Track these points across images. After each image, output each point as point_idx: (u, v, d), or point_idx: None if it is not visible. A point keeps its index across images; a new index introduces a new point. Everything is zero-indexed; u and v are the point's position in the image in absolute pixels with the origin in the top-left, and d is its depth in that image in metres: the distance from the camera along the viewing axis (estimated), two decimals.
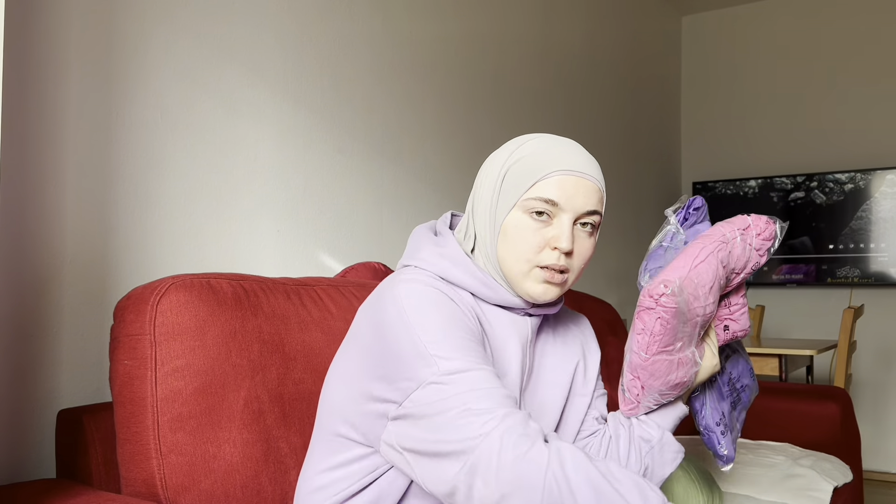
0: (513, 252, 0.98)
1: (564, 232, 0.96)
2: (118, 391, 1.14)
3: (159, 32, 1.53)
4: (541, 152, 0.99)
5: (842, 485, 1.85)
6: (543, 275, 0.97)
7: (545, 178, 0.97)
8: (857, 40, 3.98)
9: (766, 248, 1.11)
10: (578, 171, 0.98)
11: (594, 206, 0.99)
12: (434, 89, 2.37)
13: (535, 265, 0.97)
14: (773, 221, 1.11)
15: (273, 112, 1.79)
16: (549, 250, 0.97)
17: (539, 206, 0.96)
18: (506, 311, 1.03)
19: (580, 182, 0.97)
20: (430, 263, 1.01)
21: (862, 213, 3.82)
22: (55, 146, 1.33)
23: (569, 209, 0.97)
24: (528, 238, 0.97)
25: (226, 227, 1.67)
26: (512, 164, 1.00)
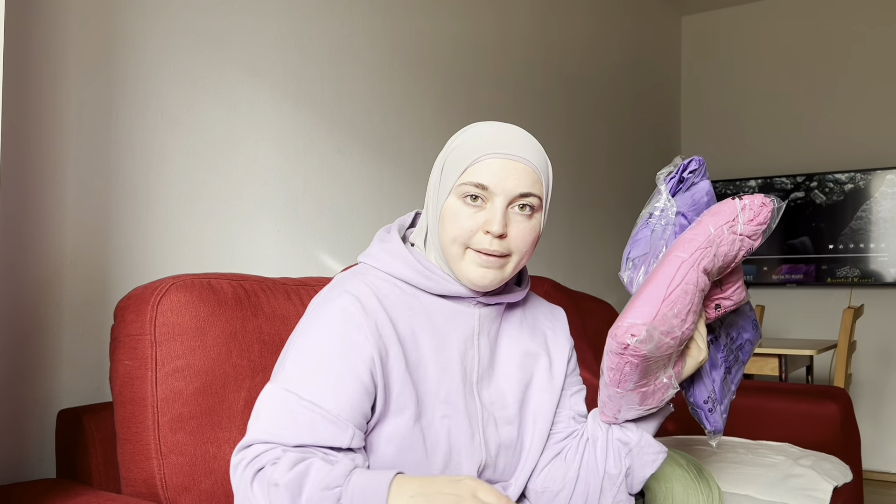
0: (448, 236, 0.99)
1: (496, 216, 0.96)
2: (118, 391, 1.14)
3: (159, 32, 1.52)
4: (475, 138, 1.00)
5: (842, 485, 1.85)
6: (478, 258, 0.98)
7: (476, 163, 0.98)
8: (858, 40, 3.98)
9: (759, 231, 0.99)
10: (509, 154, 0.98)
11: (527, 189, 0.98)
12: (434, 89, 2.37)
13: (468, 248, 0.98)
14: (769, 202, 0.98)
15: (273, 112, 1.79)
16: (482, 234, 0.98)
17: (471, 191, 0.97)
18: (451, 303, 1.04)
19: (511, 164, 0.98)
20: (375, 259, 1.04)
21: (862, 213, 3.82)
22: (55, 146, 1.33)
23: (500, 192, 0.97)
24: (461, 222, 0.98)
25: (226, 227, 1.67)
26: (450, 152, 1.02)
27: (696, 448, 2.06)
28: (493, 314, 1.07)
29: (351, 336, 0.95)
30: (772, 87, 4.21)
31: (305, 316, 1.01)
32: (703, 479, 1.55)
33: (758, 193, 1.06)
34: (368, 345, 0.95)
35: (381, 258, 1.04)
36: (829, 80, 4.05)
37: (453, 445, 1.00)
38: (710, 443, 1.15)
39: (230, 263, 1.67)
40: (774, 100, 4.20)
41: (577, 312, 2.19)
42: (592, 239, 3.36)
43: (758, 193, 1.06)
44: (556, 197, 3.07)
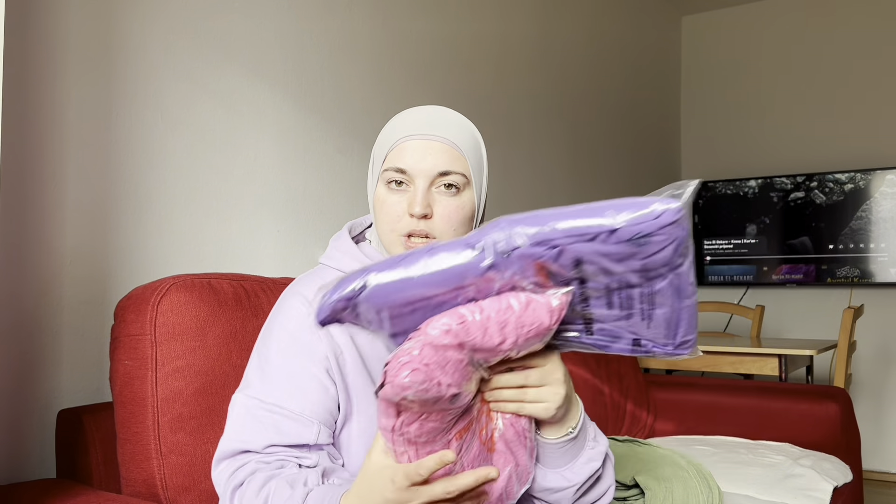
0: (381, 225, 0.99)
1: (416, 197, 0.95)
2: (119, 391, 1.14)
3: (159, 32, 1.52)
4: (394, 124, 1.00)
5: (842, 485, 1.85)
6: (407, 242, 0.97)
7: (395, 147, 0.98)
8: (858, 40, 3.98)
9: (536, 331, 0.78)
10: (423, 134, 0.97)
11: (447, 167, 0.96)
12: (434, 89, 2.37)
13: (399, 234, 0.97)
14: (560, 294, 0.76)
15: (273, 112, 1.79)
16: (408, 217, 0.96)
17: (393, 177, 0.97)
18: None
19: (427, 144, 0.96)
20: (329, 258, 1.07)
21: (862, 213, 3.82)
22: (55, 146, 1.33)
23: (418, 173, 0.96)
24: (388, 209, 0.97)
25: (226, 227, 1.67)
26: (376, 142, 1.03)
27: (696, 448, 2.06)
28: None
29: (303, 337, 0.97)
30: (772, 87, 4.21)
31: (263, 328, 1.03)
32: (703, 479, 1.55)
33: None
34: (321, 345, 0.97)
35: (333, 256, 1.07)
36: (829, 80, 4.05)
37: None
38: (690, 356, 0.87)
39: (230, 263, 1.67)
40: (774, 100, 4.20)
41: None
42: None
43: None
44: (556, 197, 3.08)
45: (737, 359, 2.73)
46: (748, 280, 4.07)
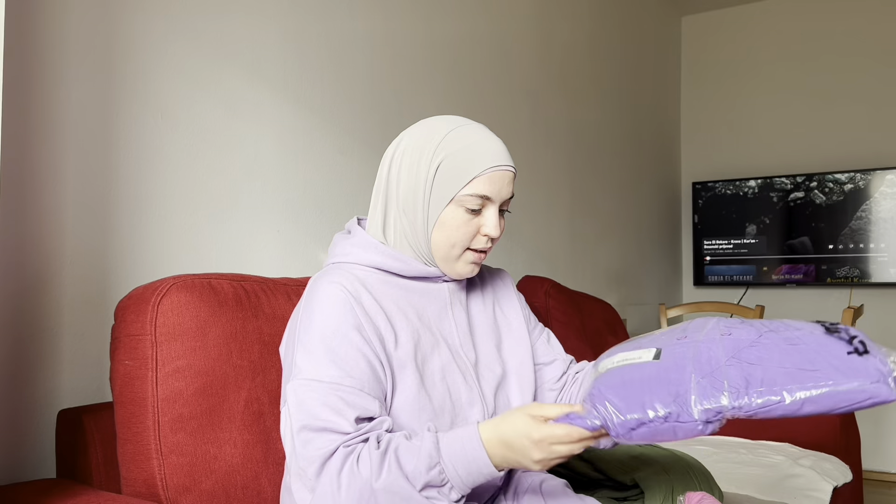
0: (449, 240, 1.09)
1: (493, 221, 1.09)
2: (119, 391, 1.14)
3: (159, 32, 1.52)
4: (470, 148, 1.08)
5: (841, 485, 1.85)
6: (473, 257, 1.11)
7: (481, 175, 1.07)
8: (857, 40, 3.98)
9: None
10: (504, 165, 1.09)
11: (512, 191, 1.12)
12: (434, 89, 2.37)
13: (465, 250, 1.10)
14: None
15: (273, 112, 1.79)
16: (480, 236, 1.10)
17: (476, 203, 1.07)
18: (421, 282, 1.14)
19: (505, 175, 1.09)
20: (346, 255, 1.12)
21: (862, 213, 3.82)
22: (55, 146, 1.33)
23: (497, 200, 1.09)
24: (464, 229, 1.08)
25: (226, 227, 1.67)
26: (442, 158, 1.08)
27: (696, 448, 2.06)
28: (458, 287, 1.19)
29: (348, 319, 1.02)
30: (771, 87, 4.21)
31: (298, 317, 1.07)
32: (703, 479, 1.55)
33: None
34: (363, 326, 1.03)
35: (350, 252, 1.12)
36: (829, 80, 4.05)
37: (456, 403, 1.09)
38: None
39: (230, 263, 1.67)
40: (774, 100, 4.20)
41: (577, 312, 2.19)
42: (592, 239, 3.36)
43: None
44: (556, 197, 3.08)
45: None
46: (748, 280, 4.07)
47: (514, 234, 2.76)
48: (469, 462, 0.94)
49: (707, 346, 0.90)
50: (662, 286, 4.14)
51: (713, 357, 0.88)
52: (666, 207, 4.24)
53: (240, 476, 1.17)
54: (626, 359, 0.94)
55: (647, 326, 3.87)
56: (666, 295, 4.19)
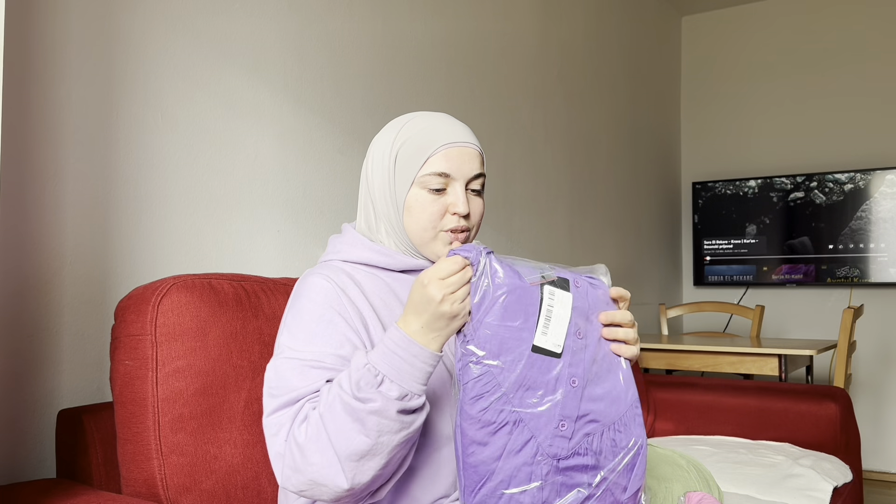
0: (418, 223, 1.09)
1: (460, 198, 1.08)
2: (119, 391, 1.14)
3: (159, 32, 1.52)
4: (425, 130, 1.10)
5: (841, 485, 1.85)
6: (448, 237, 1.10)
7: (435, 154, 1.08)
8: (858, 40, 3.98)
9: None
10: (461, 142, 1.10)
11: (479, 169, 1.11)
12: (434, 89, 2.37)
13: (439, 230, 1.10)
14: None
15: (273, 112, 1.79)
16: (450, 216, 1.09)
17: (435, 181, 1.08)
18: (410, 276, 1.14)
19: (464, 151, 1.09)
20: (335, 252, 1.15)
21: (862, 213, 3.82)
22: (55, 146, 1.33)
23: (459, 177, 1.09)
24: (429, 209, 1.08)
25: (226, 227, 1.67)
26: (400, 145, 1.10)
27: (696, 448, 2.06)
28: None
29: (332, 306, 1.04)
30: (771, 87, 4.21)
31: (288, 308, 1.09)
32: (703, 479, 1.55)
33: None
34: (348, 312, 1.05)
35: (340, 249, 1.14)
36: (830, 80, 4.05)
37: (441, 398, 1.08)
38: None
39: (230, 263, 1.67)
40: (774, 100, 4.20)
41: None
42: (592, 239, 3.36)
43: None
44: (556, 197, 3.08)
45: (737, 359, 2.73)
46: (748, 280, 4.07)
47: (514, 234, 2.76)
48: (394, 346, 0.93)
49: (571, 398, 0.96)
50: (662, 286, 4.14)
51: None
52: (666, 207, 4.24)
53: (240, 476, 1.17)
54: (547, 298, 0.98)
55: (647, 326, 3.87)
56: (666, 295, 4.19)
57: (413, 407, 0.93)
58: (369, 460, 0.91)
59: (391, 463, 0.94)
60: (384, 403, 0.90)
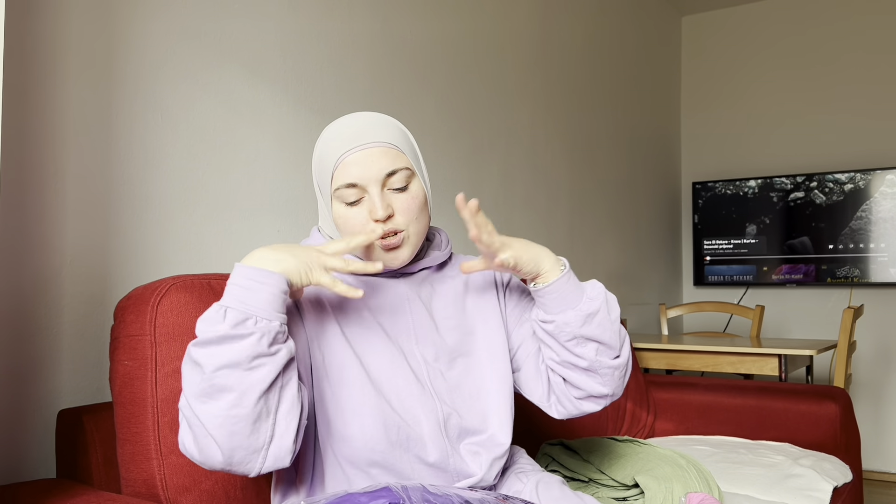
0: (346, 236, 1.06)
1: (375, 202, 1.03)
2: (118, 391, 1.14)
3: (159, 32, 1.53)
4: (327, 143, 1.06)
5: (841, 485, 1.85)
6: (381, 244, 1.05)
7: (337, 167, 1.04)
8: (857, 40, 3.98)
9: None
10: (360, 145, 1.04)
11: (391, 167, 1.04)
12: (434, 89, 2.37)
13: (371, 241, 1.04)
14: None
15: (273, 112, 1.79)
16: (373, 223, 1.05)
17: (347, 194, 1.04)
18: (375, 279, 1.12)
19: (366, 153, 1.04)
20: None
21: (862, 213, 3.82)
22: (55, 146, 1.33)
23: (368, 181, 1.04)
24: (352, 222, 1.05)
25: (226, 227, 1.67)
26: (315, 164, 1.10)
27: (696, 448, 2.06)
28: (420, 280, 1.15)
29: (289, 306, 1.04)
30: (771, 87, 4.21)
31: None
32: (703, 479, 1.55)
33: None
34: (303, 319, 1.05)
35: None
36: (829, 80, 4.05)
37: (405, 400, 1.06)
38: None
39: (230, 263, 1.67)
40: (774, 100, 4.20)
41: None
42: (592, 239, 3.36)
43: None
44: (556, 197, 3.08)
45: (737, 359, 2.73)
46: (748, 280, 4.07)
47: (514, 234, 2.76)
48: (235, 278, 0.91)
49: None
50: (662, 286, 4.14)
51: None
52: (666, 207, 4.24)
53: (239, 476, 1.17)
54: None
55: (648, 326, 3.87)
56: (666, 295, 4.19)
57: (248, 332, 0.88)
58: (216, 400, 0.88)
59: (245, 404, 0.88)
60: (216, 332, 0.88)
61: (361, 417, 1.02)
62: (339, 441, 1.03)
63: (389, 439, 1.03)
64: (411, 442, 1.04)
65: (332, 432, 1.03)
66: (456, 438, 1.09)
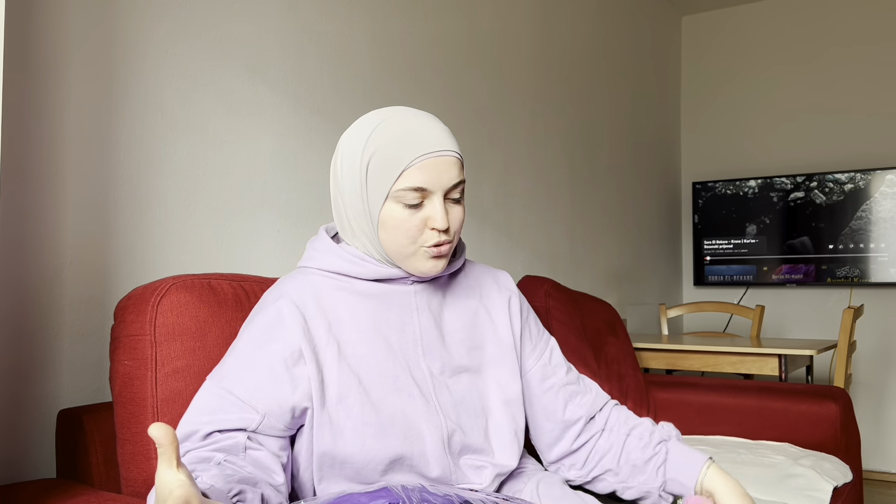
0: (395, 239, 1.02)
1: (439, 212, 1.00)
2: (118, 391, 1.14)
3: (159, 32, 1.52)
4: (398, 138, 1.00)
5: (842, 485, 1.85)
6: (429, 252, 1.03)
7: (410, 167, 0.99)
8: (857, 40, 3.98)
9: None
10: (438, 151, 1.00)
11: (457, 178, 1.02)
12: (434, 89, 2.37)
13: (419, 247, 1.02)
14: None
15: (273, 112, 1.79)
16: (429, 231, 1.02)
17: (410, 197, 1.00)
18: (386, 285, 1.08)
19: (441, 161, 1.00)
20: (309, 259, 1.10)
21: (862, 213, 3.82)
22: (55, 146, 1.33)
23: (437, 189, 1.00)
24: (407, 225, 1.01)
25: (226, 227, 1.67)
26: (371, 154, 1.01)
27: (695, 448, 2.06)
28: (432, 288, 1.12)
29: (272, 331, 1.00)
30: (771, 87, 4.21)
31: (247, 323, 1.06)
32: None
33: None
34: (289, 338, 0.99)
35: (313, 257, 1.09)
36: (829, 80, 4.05)
37: (409, 416, 1.03)
38: None
39: (230, 263, 1.67)
40: (774, 100, 4.20)
41: (577, 312, 2.19)
42: (592, 239, 3.36)
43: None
44: (556, 197, 3.08)
45: (737, 359, 2.73)
46: (748, 280, 4.07)
47: (514, 234, 2.76)
48: None
49: None
50: (662, 286, 4.14)
51: None
52: (666, 207, 4.24)
53: None
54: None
55: (648, 326, 3.87)
56: (666, 295, 4.19)
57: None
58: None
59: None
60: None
61: (362, 438, 1.00)
62: (340, 464, 1.01)
63: (391, 459, 1.01)
64: (414, 460, 1.03)
65: (334, 455, 1.00)
66: (458, 454, 1.07)
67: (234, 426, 0.95)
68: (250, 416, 0.95)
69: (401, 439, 1.02)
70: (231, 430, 0.95)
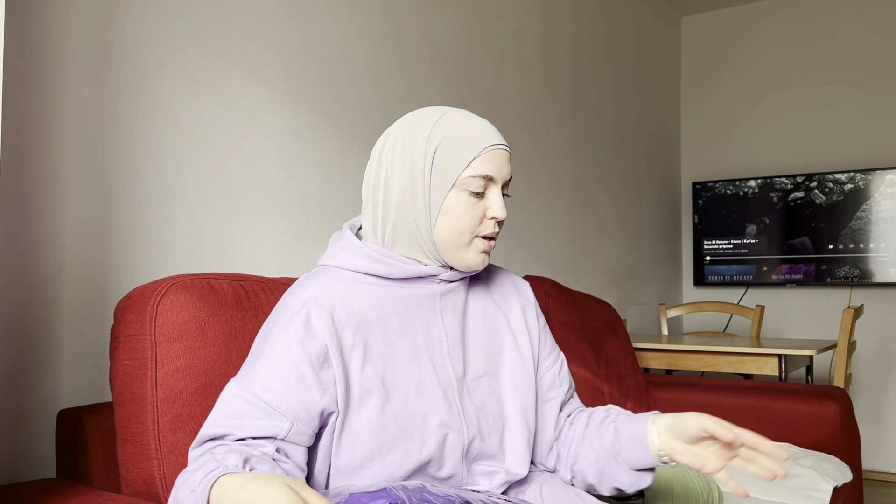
0: (455, 228, 1.04)
1: (497, 202, 1.05)
2: (118, 391, 1.14)
3: (159, 32, 1.52)
4: (464, 129, 1.04)
5: (841, 485, 1.85)
6: (483, 245, 1.06)
7: (480, 155, 1.03)
8: (857, 40, 3.98)
9: None
10: (501, 144, 1.06)
11: (511, 172, 1.08)
12: (434, 89, 2.37)
13: (475, 236, 1.05)
14: None
15: (273, 112, 1.79)
16: (487, 221, 1.06)
17: (476, 185, 1.03)
18: (412, 284, 1.08)
19: (503, 154, 1.06)
20: (333, 259, 1.09)
21: (862, 213, 3.82)
22: (55, 146, 1.33)
23: (499, 180, 1.05)
24: (469, 213, 1.04)
25: (226, 227, 1.67)
26: (438, 143, 1.04)
27: None
28: (456, 289, 1.12)
29: (300, 334, 0.98)
30: (771, 87, 4.21)
31: (269, 317, 1.05)
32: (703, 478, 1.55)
33: None
34: (317, 341, 0.98)
35: (338, 256, 1.08)
36: (829, 80, 4.05)
37: (430, 419, 1.03)
38: None
39: (230, 263, 1.67)
40: (774, 99, 4.20)
41: (577, 312, 2.19)
42: (592, 239, 3.36)
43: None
44: (556, 197, 3.08)
45: (737, 359, 2.73)
46: (748, 280, 4.07)
47: (514, 234, 2.76)
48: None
49: None
50: (662, 286, 4.14)
51: None
52: (666, 207, 4.24)
53: None
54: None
55: (648, 326, 3.87)
56: (666, 295, 4.19)
57: None
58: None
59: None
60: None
61: (381, 442, 0.99)
62: (356, 469, 1.00)
63: (410, 467, 1.01)
64: (431, 465, 1.03)
65: (352, 461, 1.00)
66: (473, 459, 1.07)
67: (265, 433, 0.93)
68: (280, 423, 0.94)
69: (420, 444, 1.01)
70: (261, 438, 0.94)
